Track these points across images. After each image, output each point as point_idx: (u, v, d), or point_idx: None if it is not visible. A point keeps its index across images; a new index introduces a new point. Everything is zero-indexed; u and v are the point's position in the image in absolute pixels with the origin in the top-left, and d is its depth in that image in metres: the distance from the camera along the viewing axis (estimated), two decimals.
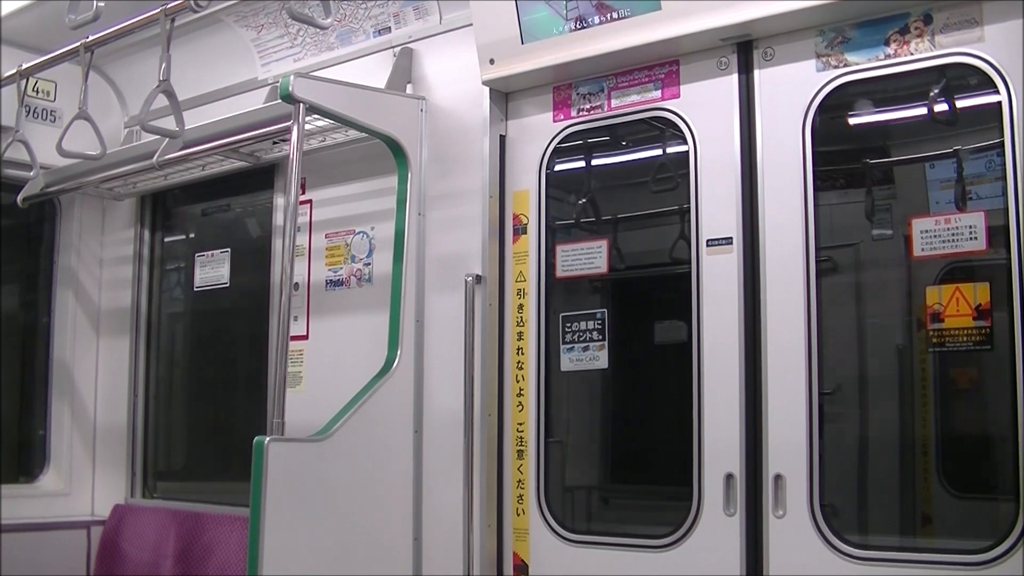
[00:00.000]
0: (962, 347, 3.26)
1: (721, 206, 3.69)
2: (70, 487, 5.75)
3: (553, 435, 4.12)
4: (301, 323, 4.77)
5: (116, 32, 4.42)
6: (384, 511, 4.13)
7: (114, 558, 5.44)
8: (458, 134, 4.33)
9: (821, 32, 3.55)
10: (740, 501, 3.54)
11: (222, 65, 5.22)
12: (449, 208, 4.32)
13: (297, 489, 3.77)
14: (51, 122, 5.52)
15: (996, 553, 3.06)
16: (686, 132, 3.83)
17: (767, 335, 3.55)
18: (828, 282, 3.56)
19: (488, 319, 4.16)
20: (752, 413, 3.55)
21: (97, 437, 5.87)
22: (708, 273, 3.70)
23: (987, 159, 3.32)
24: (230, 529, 4.92)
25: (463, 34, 4.30)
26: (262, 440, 3.64)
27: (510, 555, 4.10)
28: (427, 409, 4.26)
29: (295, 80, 3.86)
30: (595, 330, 4.01)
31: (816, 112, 3.54)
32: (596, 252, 4.07)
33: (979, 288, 3.22)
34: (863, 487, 3.78)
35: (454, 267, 4.23)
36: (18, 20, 5.19)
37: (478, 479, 4.07)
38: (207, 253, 5.54)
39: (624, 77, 4.01)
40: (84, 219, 5.96)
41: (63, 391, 5.84)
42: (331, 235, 4.75)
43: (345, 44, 4.75)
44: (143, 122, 4.32)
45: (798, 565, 3.40)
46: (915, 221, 3.35)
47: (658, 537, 3.72)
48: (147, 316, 5.84)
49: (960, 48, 3.30)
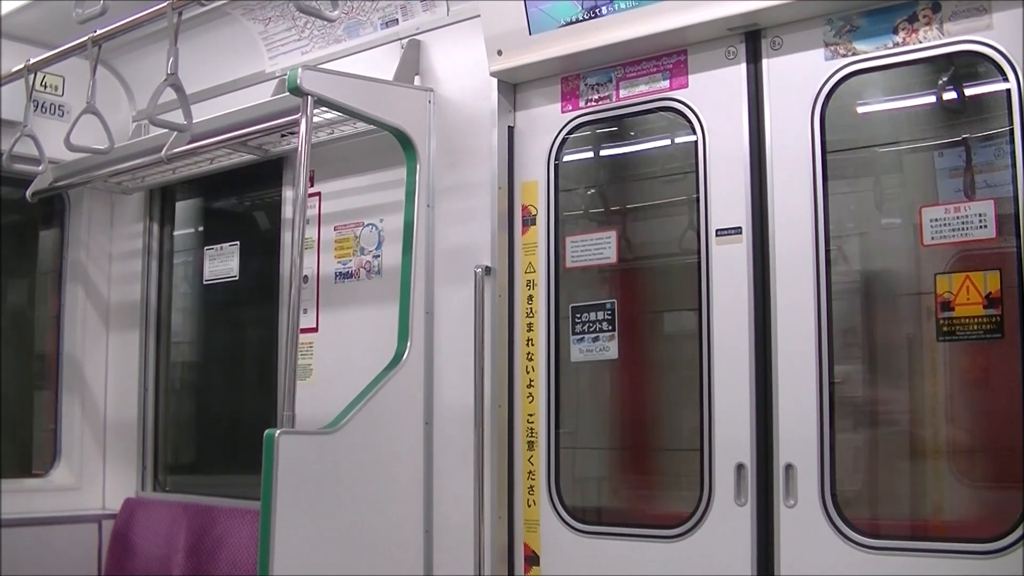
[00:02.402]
0: (972, 335, 3.26)
1: (730, 196, 3.69)
2: (81, 481, 5.77)
3: (564, 426, 4.13)
4: (311, 315, 4.78)
5: (124, 26, 4.42)
6: (395, 503, 4.13)
7: (125, 552, 5.46)
8: (466, 126, 4.32)
9: (829, 21, 3.54)
10: (751, 491, 3.54)
11: (230, 58, 5.22)
12: (458, 200, 4.32)
13: (308, 482, 3.78)
14: (59, 117, 5.52)
15: (1007, 542, 3.06)
16: (695, 122, 3.83)
17: (777, 324, 3.54)
18: (838, 271, 3.55)
19: (498, 310, 4.17)
20: (763, 403, 3.55)
21: (108, 431, 5.89)
22: (718, 263, 3.70)
23: (996, 147, 3.31)
24: (241, 522, 4.93)
25: (471, 25, 4.29)
26: (273, 433, 3.65)
27: (521, 546, 4.11)
28: (437, 401, 4.26)
29: (303, 73, 3.87)
30: (605, 320, 4.01)
31: (825, 101, 3.53)
32: (605, 242, 4.08)
33: (989, 276, 3.22)
34: (873, 477, 3.77)
35: (463, 259, 4.23)
36: (26, 15, 5.20)
37: (488, 471, 4.08)
38: (216, 246, 5.55)
39: (632, 67, 4.01)
40: (93, 213, 5.97)
41: (73, 385, 5.85)
42: (340, 227, 4.76)
43: (352, 36, 4.75)
44: (151, 116, 4.31)
45: (809, 555, 3.41)
46: (924, 209, 3.34)
47: (669, 527, 3.73)
48: (156, 310, 5.85)
49: (968, 36, 3.28)
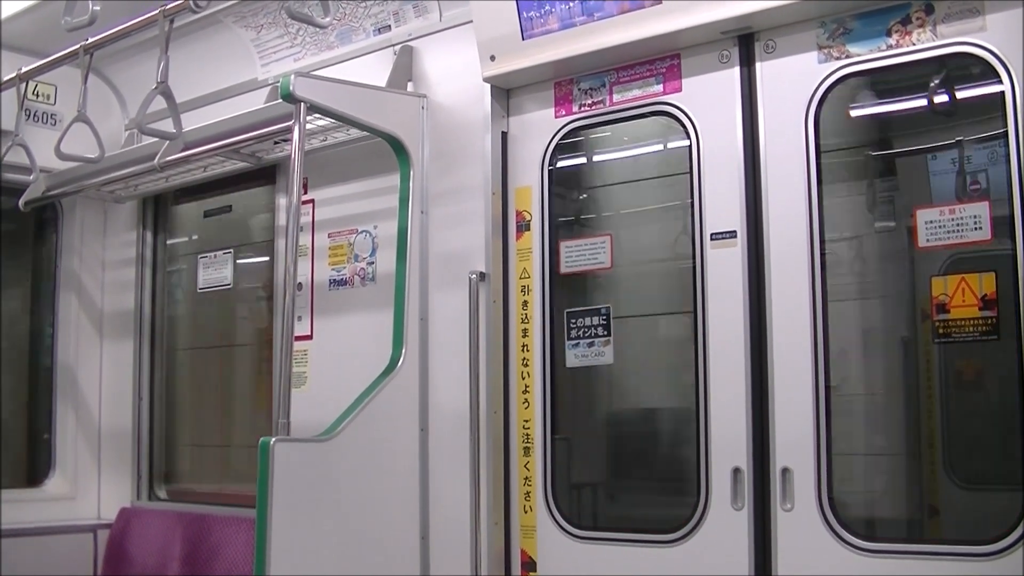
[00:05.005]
0: (968, 338, 3.26)
1: (724, 200, 3.68)
2: (76, 491, 5.74)
3: (559, 432, 4.12)
4: (305, 323, 4.77)
5: (115, 34, 4.42)
6: (391, 510, 4.12)
7: (121, 561, 5.44)
8: (460, 131, 4.32)
9: (822, 24, 3.54)
10: (748, 495, 3.53)
11: (222, 66, 5.21)
12: (452, 205, 4.31)
13: (303, 489, 3.76)
14: (51, 125, 5.50)
15: (1003, 544, 3.05)
16: (688, 126, 3.82)
17: (772, 328, 3.54)
18: (833, 274, 3.54)
19: (492, 316, 4.16)
20: (759, 407, 3.54)
21: (102, 440, 5.86)
22: (712, 267, 3.70)
23: (990, 149, 3.32)
24: (236, 530, 4.91)
25: (463, 31, 4.29)
26: (268, 440, 3.63)
27: (518, 552, 4.10)
28: (433, 407, 4.25)
29: (296, 80, 3.85)
30: (600, 325, 4.01)
31: (818, 104, 3.53)
32: (600, 247, 4.07)
33: (984, 278, 3.22)
34: (869, 480, 3.77)
35: (457, 265, 4.22)
36: (18, 24, 5.18)
37: (485, 477, 4.06)
38: (210, 254, 5.54)
39: (625, 72, 4.00)
40: (86, 222, 5.95)
41: (67, 395, 5.83)
42: (334, 234, 4.74)
43: (345, 43, 4.74)
44: (140, 124, 4.31)
45: (806, 558, 3.40)
46: (919, 212, 3.34)
47: (666, 532, 3.72)
48: (151, 318, 5.84)
49: (962, 38, 3.28)
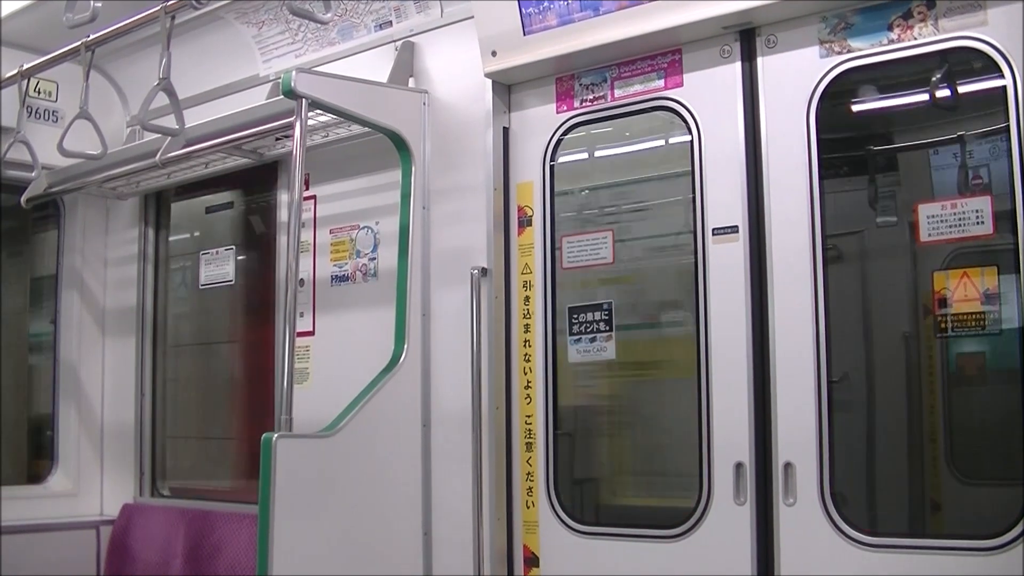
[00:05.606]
0: (970, 332, 3.26)
1: (726, 195, 3.69)
2: (78, 487, 5.75)
3: (561, 427, 4.12)
4: (307, 319, 4.77)
5: (117, 31, 4.41)
6: (393, 506, 4.12)
7: (124, 558, 5.45)
8: (461, 127, 4.32)
9: (824, 18, 3.54)
10: (750, 490, 3.53)
11: (223, 62, 5.21)
12: (453, 201, 4.32)
13: (306, 485, 3.76)
14: (53, 122, 5.50)
15: (1006, 539, 3.06)
16: (690, 121, 3.82)
17: (774, 323, 3.54)
18: (835, 269, 3.54)
19: (494, 312, 4.16)
20: (761, 402, 3.54)
21: (105, 437, 5.87)
22: (715, 262, 3.70)
23: (992, 143, 3.31)
24: (239, 527, 4.92)
25: (464, 27, 4.29)
26: (270, 437, 3.63)
27: (520, 548, 4.10)
28: (435, 403, 4.25)
29: (297, 76, 3.85)
30: (602, 321, 4.01)
31: (820, 99, 3.53)
32: (602, 243, 4.07)
33: (986, 273, 3.22)
34: (872, 474, 3.77)
35: (459, 261, 4.22)
36: (19, 21, 5.18)
37: (487, 472, 4.07)
38: (212, 251, 5.54)
39: (627, 67, 4.00)
40: (88, 219, 5.95)
41: (70, 392, 5.84)
42: (335, 231, 4.75)
43: (346, 39, 4.74)
44: (143, 120, 4.31)
45: (809, 553, 3.40)
46: (921, 206, 3.34)
47: (669, 527, 3.72)
48: (152, 315, 5.84)
49: (964, 32, 3.28)
